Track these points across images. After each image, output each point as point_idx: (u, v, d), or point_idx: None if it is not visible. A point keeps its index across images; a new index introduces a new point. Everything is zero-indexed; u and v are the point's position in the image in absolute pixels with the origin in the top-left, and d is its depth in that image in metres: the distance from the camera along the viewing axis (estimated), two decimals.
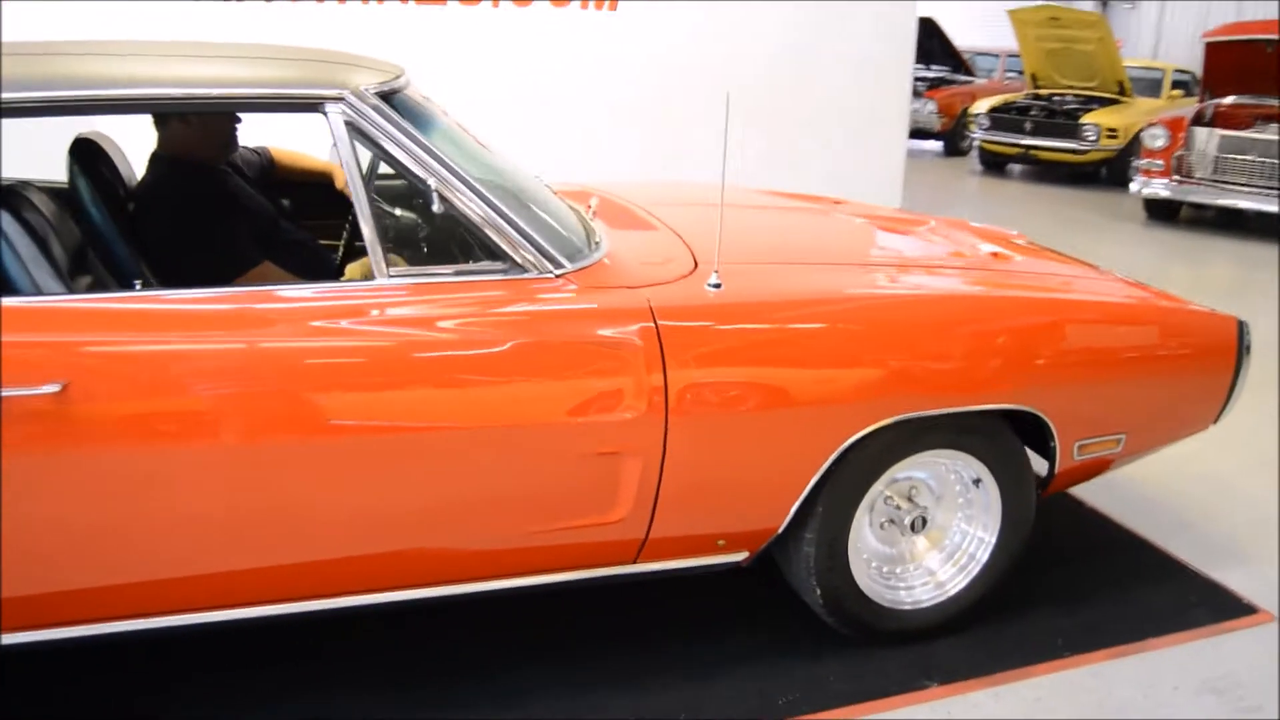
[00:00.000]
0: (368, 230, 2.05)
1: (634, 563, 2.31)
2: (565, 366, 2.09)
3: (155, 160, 2.76)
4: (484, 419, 2.06)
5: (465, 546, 2.17)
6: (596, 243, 2.36)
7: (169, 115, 2.63)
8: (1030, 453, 2.53)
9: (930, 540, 2.56)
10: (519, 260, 2.13)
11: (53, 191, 2.72)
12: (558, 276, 2.15)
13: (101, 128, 2.72)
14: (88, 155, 2.64)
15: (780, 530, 2.34)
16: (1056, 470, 2.53)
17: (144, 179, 2.81)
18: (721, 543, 2.33)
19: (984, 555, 2.54)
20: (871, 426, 2.26)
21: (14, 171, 2.49)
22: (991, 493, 2.51)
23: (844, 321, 2.27)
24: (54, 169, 2.58)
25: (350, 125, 2.06)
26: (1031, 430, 2.47)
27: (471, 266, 2.13)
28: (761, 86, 6.02)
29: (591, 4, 5.85)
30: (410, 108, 2.31)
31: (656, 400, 2.11)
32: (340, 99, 2.06)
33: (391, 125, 2.09)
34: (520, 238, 2.13)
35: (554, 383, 2.09)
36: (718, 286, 2.21)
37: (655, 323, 2.12)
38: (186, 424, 1.92)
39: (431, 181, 2.09)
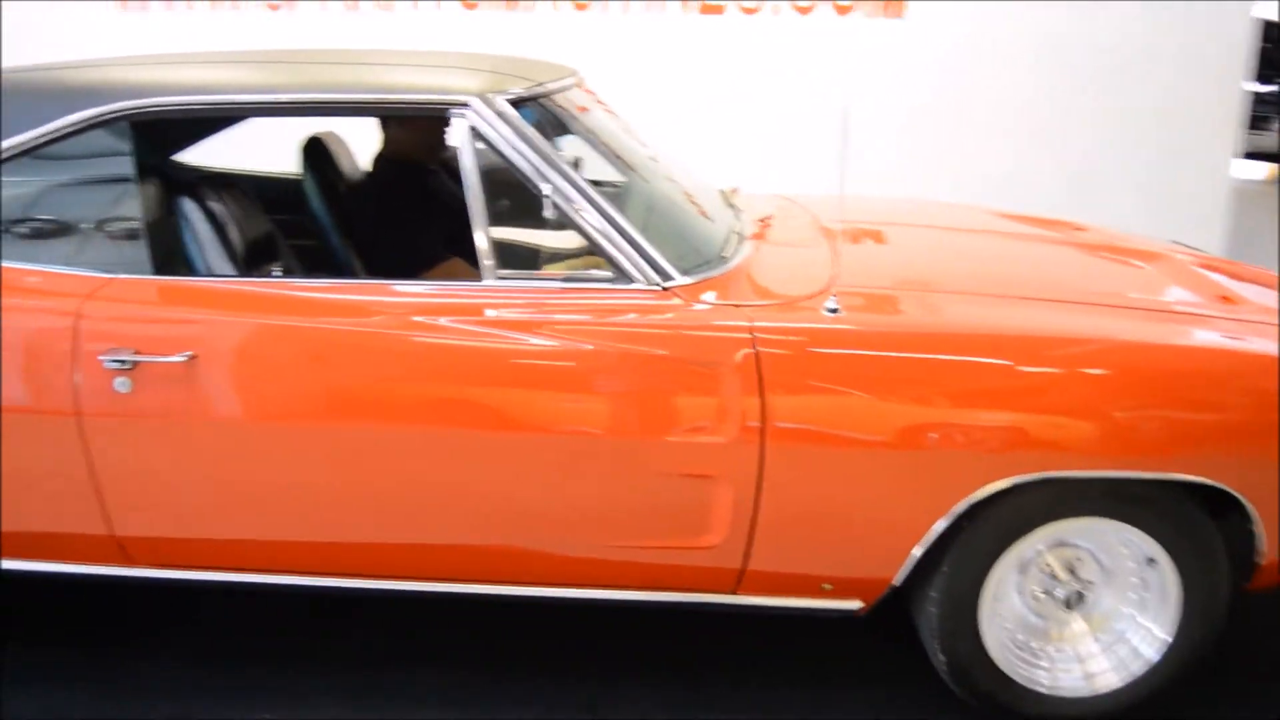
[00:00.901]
0: (479, 233, 2.10)
1: (733, 593, 2.19)
2: (657, 382, 2.03)
3: (375, 159, 3.01)
4: (573, 427, 2.05)
5: (553, 550, 2.16)
6: (725, 257, 2.26)
7: (388, 119, 2.85)
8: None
9: (1089, 622, 2.21)
10: (626, 270, 2.09)
11: (267, 182, 3.03)
12: (664, 289, 2.09)
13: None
14: (316, 153, 2.91)
15: (897, 583, 2.12)
16: (1260, 561, 2.10)
17: (364, 175, 3.07)
18: (827, 586, 2.15)
19: (1151, 653, 2.16)
20: (1001, 483, 1.99)
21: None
22: (1169, 578, 2.12)
23: (975, 360, 2.01)
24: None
25: (473, 130, 2.12)
26: (1230, 506, 2.07)
27: (579, 274, 2.12)
28: (1058, 98, 5.50)
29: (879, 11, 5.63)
30: (554, 112, 2.35)
31: (752, 426, 1.99)
32: (465, 105, 2.12)
33: (513, 132, 2.12)
34: (630, 248, 2.10)
35: (645, 398, 2.03)
36: (834, 311, 2.04)
37: (755, 344, 2.00)
38: (285, 399, 2.08)
39: (546, 188, 2.10)
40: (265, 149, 2.98)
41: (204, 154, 3.11)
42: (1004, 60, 5.55)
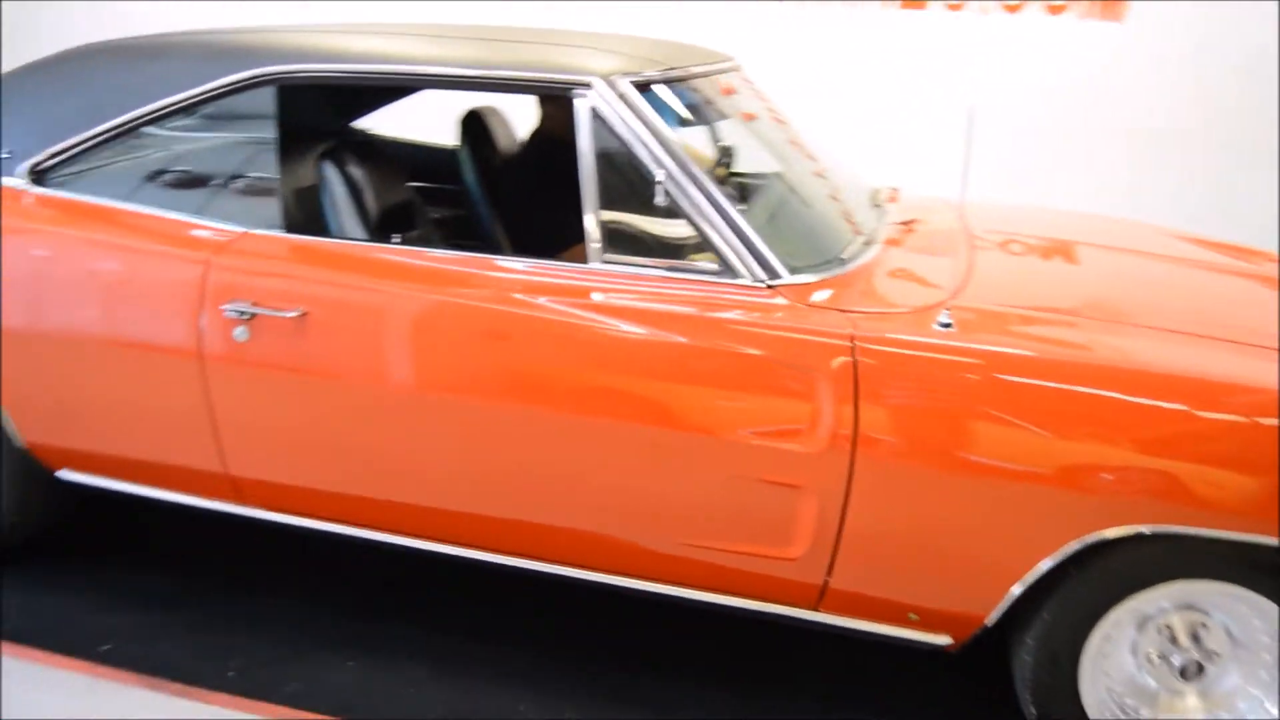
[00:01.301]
0: (589, 214, 2.08)
1: (814, 609, 2.09)
2: (748, 382, 1.95)
3: (530, 136, 3.06)
4: (660, 418, 2.00)
5: (639, 541, 2.12)
6: (844, 259, 2.15)
7: (545, 98, 2.89)
8: None
9: (1205, 699, 1.98)
10: (732, 264, 2.03)
11: (430, 151, 3.12)
12: (769, 287, 2.01)
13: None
14: (474, 126, 2.98)
15: (989, 623, 1.97)
16: None
17: (518, 152, 3.12)
18: (914, 617, 2.02)
19: None
20: (1120, 530, 1.81)
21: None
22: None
23: (1100, 394, 1.83)
24: None
25: (594, 111, 2.10)
26: None
27: (685, 264, 2.07)
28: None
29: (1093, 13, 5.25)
30: (696, 99, 2.32)
31: (843, 437, 1.89)
32: (588, 85, 2.11)
33: (633, 114, 2.08)
34: (739, 242, 2.03)
35: (734, 397, 1.96)
36: (947, 326, 1.90)
37: (854, 352, 1.89)
38: (380, 362, 2.13)
39: (660, 174, 2.05)
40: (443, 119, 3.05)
41: (370, 121, 3.23)
42: (1232, 70, 5.08)
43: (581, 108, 2.11)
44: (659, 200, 2.06)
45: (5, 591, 2.57)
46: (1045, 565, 1.87)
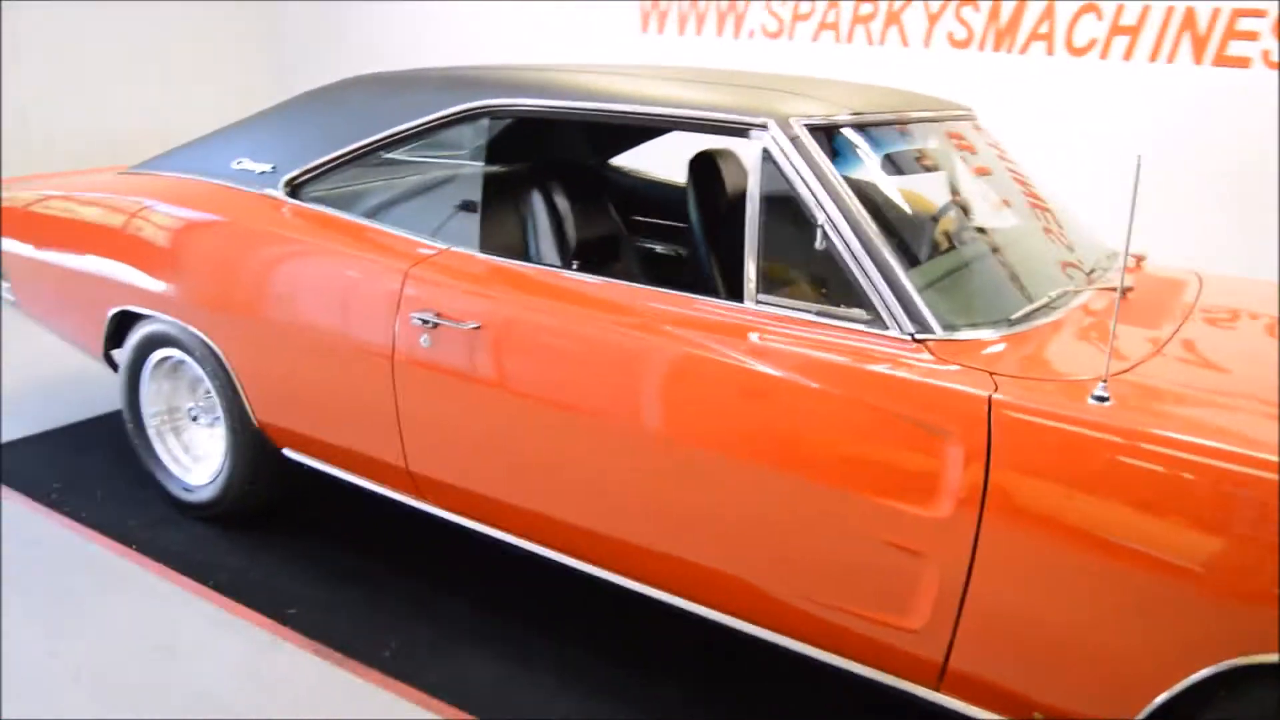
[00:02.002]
0: (750, 257, 2.10)
1: (937, 689, 1.96)
2: (879, 437, 1.88)
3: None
4: (786, 462, 1.97)
5: (764, 587, 2.08)
6: (1010, 320, 2.02)
7: None
8: None
9: None
10: (881, 315, 1.97)
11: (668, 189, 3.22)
12: (916, 340, 1.92)
13: None
14: (703, 167, 3.07)
15: None
16: None
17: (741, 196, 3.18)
18: (1038, 716, 1.84)
19: None
20: (1260, 658, 1.57)
21: None
22: None
23: (1257, 497, 1.59)
24: None
25: (765, 152, 2.12)
26: None
27: (836, 310, 2.02)
28: None
29: None
30: (900, 144, 2.30)
31: (970, 503, 1.77)
32: (763, 126, 2.13)
33: (802, 158, 2.08)
34: (891, 293, 1.96)
35: (862, 450, 1.89)
36: (1103, 400, 1.74)
37: (990, 417, 1.77)
38: (534, 379, 2.25)
39: (820, 218, 2.04)
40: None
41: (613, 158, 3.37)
42: None
43: (753, 148, 2.13)
44: (818, 244, 2.04)
45: (226, 549, 2.93)
46: (1195, 679, 1.65)
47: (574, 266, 2.46)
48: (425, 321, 2.35)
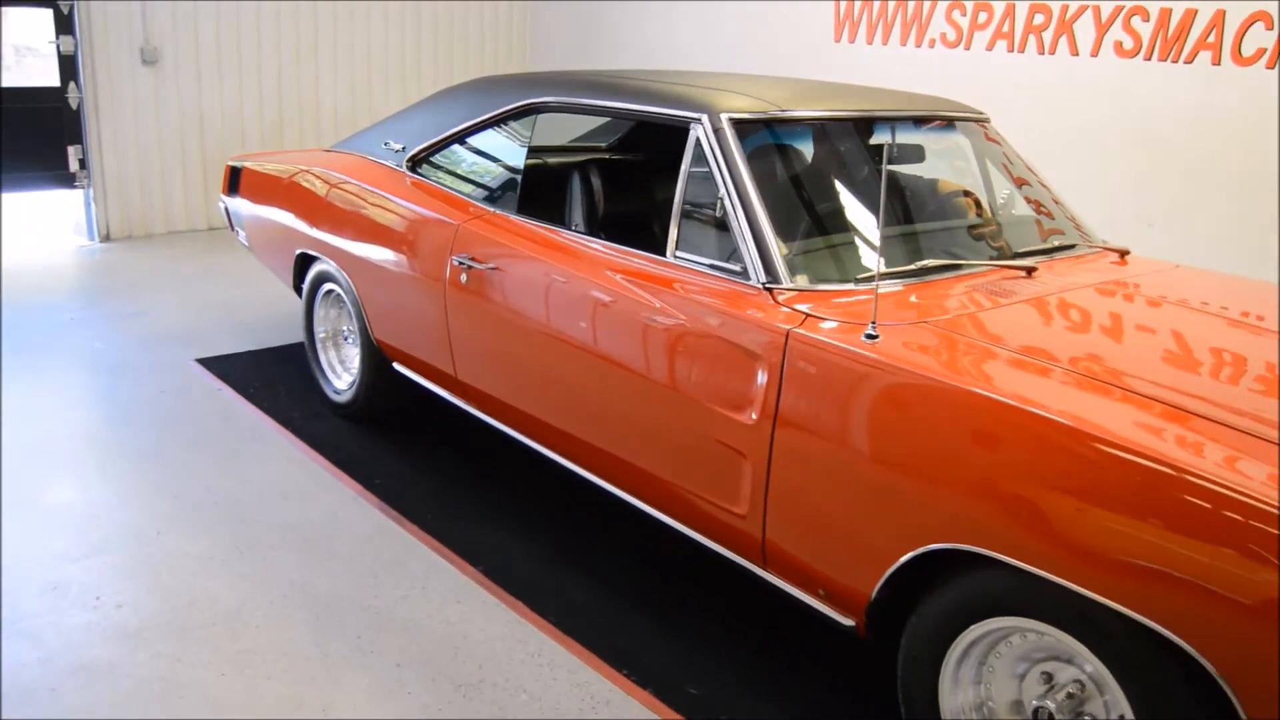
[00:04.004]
0: (673, 222, 2.67)
1: (765, 568, 2.44)
2: (721, 360, 2.40)
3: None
4: (670, 378, 2.53)
5: (661, 475, 2.63)
6: (857, 280, 2.45)
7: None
8: None
9: None
10: (748, 268, 2.48)
11: None
12: (766, 289, 2.43)
13: None
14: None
15: (871, 598, 2.17)
16: None
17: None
18: (822, 593, 2.29)
19: None
20: (938, 545, 1.97)
21: None
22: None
23: (946, 423, 1.98)
24: None
25: (695, 140, 2.68)
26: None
27: (722, 264, 2.55)
28: None
29: None
30: (805, 135, 2.81)
31: (768, 412, 2.27)
32: (698, 120, 2.69)
33: (719, 145, 2.63)
34: (756, 251, 2.47)
35: (711, 370, 2.43)
36: (873, 337, 2.17)
37: (785, 346, 2.26)
38: (521, 310, 2.94)
39: (721, 191, 2.58)
40: None
41: None
42: None
43: (690, 137, 2.70)
44: (717, 212, 2.58)
45: (351, 437, 3.85)
46: (906, 559, 2.06)
47: (575, 229, 3.12)
48: (463, 263, 3.11)
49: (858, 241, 2.66)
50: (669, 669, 2.58)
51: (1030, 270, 2.69)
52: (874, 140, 2.95)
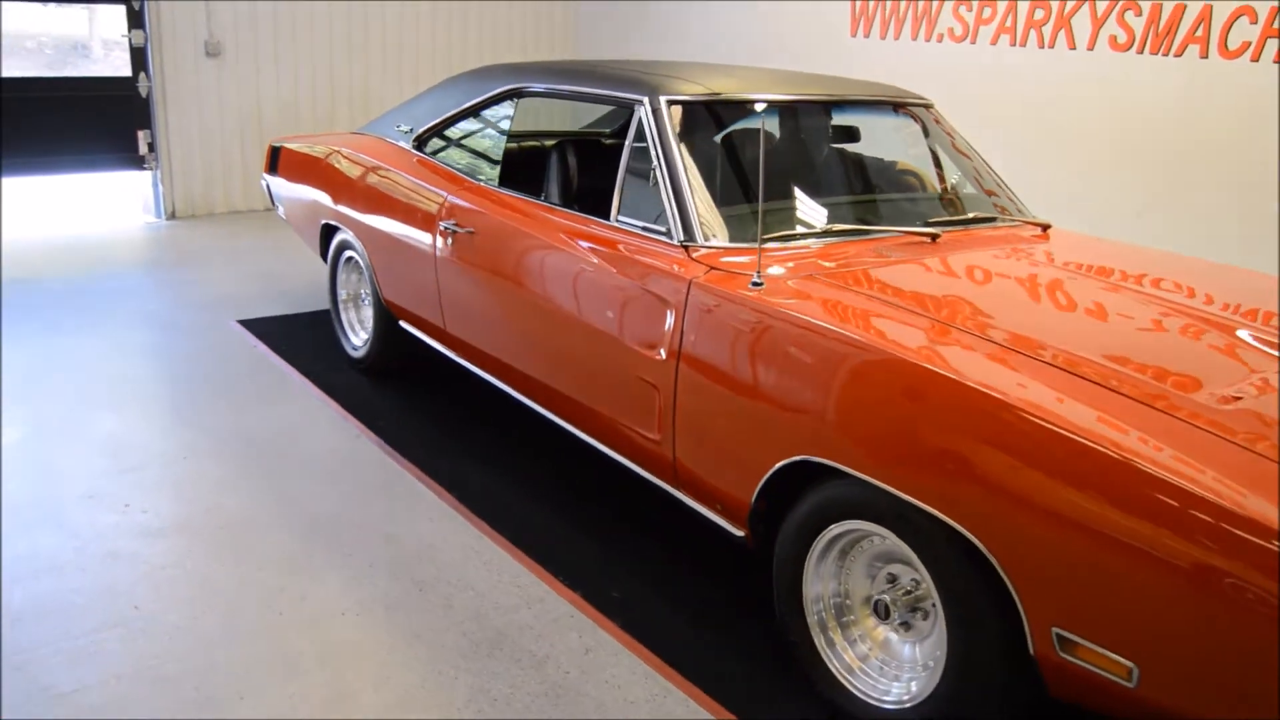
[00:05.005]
0: (616, 190, 3.07)
1: (676, 487, 2.82)
2: (640, 306, 2.80)
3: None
4: (594, 320, 2.95)
5: (596, 409, 3.04)
6: (764, 240, 2.82)
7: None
8: None
9: (896, 632, 2.34)
10: (671, 229, 2.87)
11: None
12: (683, 247, 2.81)
13: None
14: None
15: (752, 507, 2.54)
16: (1034, 652, 2.01)
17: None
18: (719, 507, 2.67)
19: (925, 685, 2.25)
20: (796, 457, 2.35)
21: None
22: (939, 622, 2.20)
23: (800, 353, 2.37)
24: None
25: (639, 120, 3.07)
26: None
27: (652, 226, 2.94)
28: None
29: None
30: (745, 116, 3.18)
31: (674, 350, 2.66)
32: (641, 102, 3.08)
33: (656, 123, 3.02)
34: (678, 215, 2.86)
35: (632, 314, 2.82)
36: (756, 285, 2.54)
37: (687, 295, 2.64)
38: (489, 265, 3.37)
39: (654, 164, 2.97)
40: None
41: None
42: None
43: (634, 116, 3.09)
44: (650, 182, 2.97)
45: (364, 387, 4.32)
46: (774, 468, 2.44)
47: (547, 198, 3.53)
48: (448, 228, 3.55)
49: (770, 208, 3.02)
50: (597, 576, 2.99)
51: (935, 236, 3.03)
52: (804, 122, 3.31)
